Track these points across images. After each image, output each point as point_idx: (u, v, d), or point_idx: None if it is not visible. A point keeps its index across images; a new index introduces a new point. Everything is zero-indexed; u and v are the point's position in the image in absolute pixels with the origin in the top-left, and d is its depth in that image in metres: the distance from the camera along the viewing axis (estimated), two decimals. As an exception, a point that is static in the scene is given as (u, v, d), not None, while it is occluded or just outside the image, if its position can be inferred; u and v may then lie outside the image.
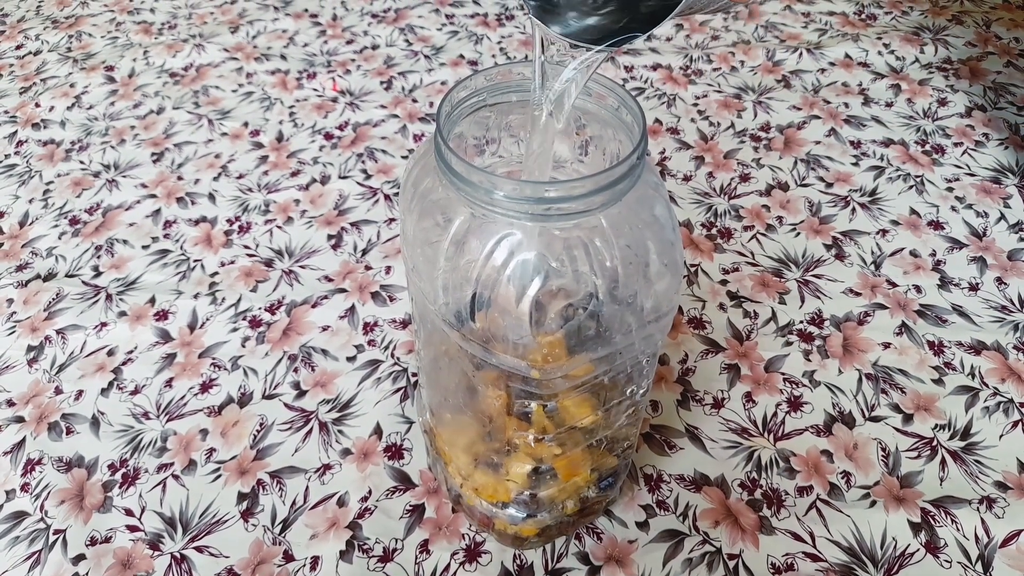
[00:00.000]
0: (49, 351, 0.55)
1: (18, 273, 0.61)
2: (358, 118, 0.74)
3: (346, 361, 0.54)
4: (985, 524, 0.44)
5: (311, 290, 0.59)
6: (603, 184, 0.27)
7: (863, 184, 0.66)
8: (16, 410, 0.52)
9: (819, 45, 0.81)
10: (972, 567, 0.43)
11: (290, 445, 0.49)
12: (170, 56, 0.83)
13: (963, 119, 0.72)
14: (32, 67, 0.83)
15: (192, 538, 0.45)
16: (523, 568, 0.43)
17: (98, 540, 0.45)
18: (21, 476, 0.48)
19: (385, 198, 0.66)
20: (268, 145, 0.72)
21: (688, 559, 0.43)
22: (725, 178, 0.67)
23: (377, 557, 0.44)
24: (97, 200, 0.67)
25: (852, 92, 0.75)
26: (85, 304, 0.58)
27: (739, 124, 0.72)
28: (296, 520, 0.45)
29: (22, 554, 0.45)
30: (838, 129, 0.71)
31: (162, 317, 0.57)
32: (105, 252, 0.62)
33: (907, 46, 0.80)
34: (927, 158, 0.68)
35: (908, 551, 0.43)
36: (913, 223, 0.62)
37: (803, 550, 0.43)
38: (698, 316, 0.56)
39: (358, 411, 0.51)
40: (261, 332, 0.56)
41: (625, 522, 0.45)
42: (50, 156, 0.72)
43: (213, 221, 0.65)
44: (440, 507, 0.46)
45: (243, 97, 0.78)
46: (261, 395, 0.52)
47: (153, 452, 0.49)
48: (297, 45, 0.85)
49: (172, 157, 0.71)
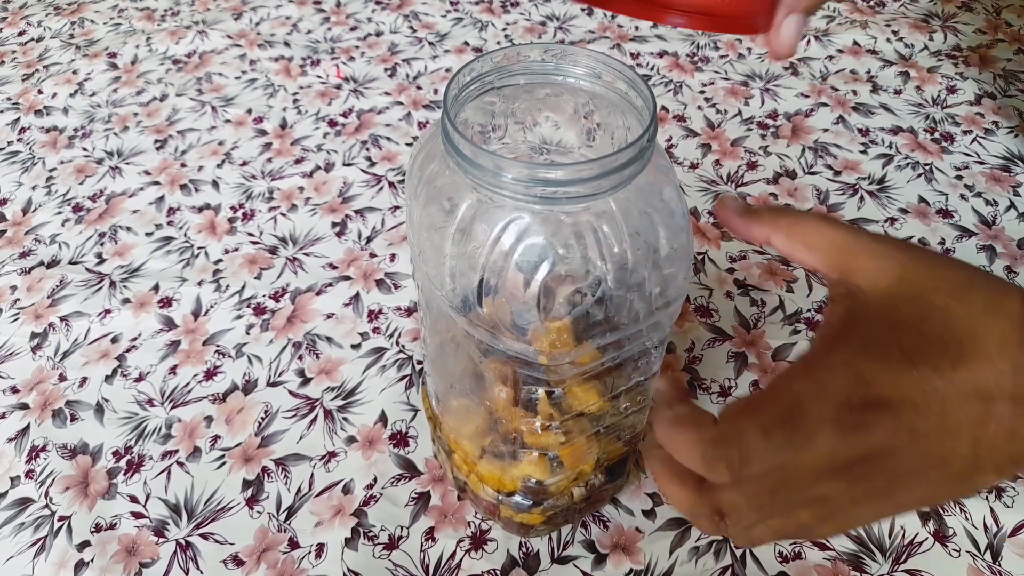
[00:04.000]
0: (53, 338, 0.55)
1: (22, 260, 0.61)
2: (362, 105, 0.74)
3: (351, 349, 0.53)
4: (994, 513, 0.44)
5: (315, 278, 0.58)
6: (612, 167, 0.27)
7: (871, 172, 0.65)
8: (20, 397, 0.52)
9: (827, 32, 0.80)
10: (981, 556, 0.42)
11: (295, 432, 0.49)
12: (173, 43, 0.83)
13: (972, 107, 0.71)
14: (35, 54, 0.83)
15: (197, 525, 0.45)
16: (529, 556, 0.43)
17: (103, 527, 0.45)
18: (26, 463, 0.48)
19: (389, 185, 0.65)
20: (272, 132, 0.71)
21: (695, 547, 0.43)
22: (732, 166, 0.66)
23: (382, 544, 0.44)
24: (100, 187, 0.67)
25: (860, 80, 0.75)
26: (89, 291, 0.58)
27: (746, 112, 0.72)
28: (301, 507, 0.45)
29: (27, 540, 0.45)
30: (846, 117, 0.70)
31: (166, 304, 0.57)
32: (109, 239, 0.62)
33: (916, 33, 0.80)
34: (936, 146, 0.67)
35: (916, 540, 0.43)
36: (922, 211, 0.62)
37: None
38: (705, 304, 0.55)
39: (363, 399, 0.51)
40: (265, 319, 0.55)
41: (632, 510, 0.45)
42: (53, 143, 0.72)
43: (217, 208, 0.64)
44: (445, 494, 0.45)
45: (247, 84, 0.77)
46: (266, 382, 0.52)
47: (158, 439, 0.49)
48: (301, 32, 0.84)
49: (175, 144, 0.71)
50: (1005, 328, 0.27)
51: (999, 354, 0.26)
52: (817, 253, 0.30)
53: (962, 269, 0.29)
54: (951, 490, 0.29)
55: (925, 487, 0.28)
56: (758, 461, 0.26)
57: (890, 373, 0.26)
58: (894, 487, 0.28)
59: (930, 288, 0.28)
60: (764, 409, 0.27)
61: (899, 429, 0.26)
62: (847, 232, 0.30)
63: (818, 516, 0.29)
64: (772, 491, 0.27)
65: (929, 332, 0.27)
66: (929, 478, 0.28)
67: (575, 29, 0.83)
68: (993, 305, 0.27)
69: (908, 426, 0.26)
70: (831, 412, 0.26)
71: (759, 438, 0.26)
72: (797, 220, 0.30)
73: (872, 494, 0.28)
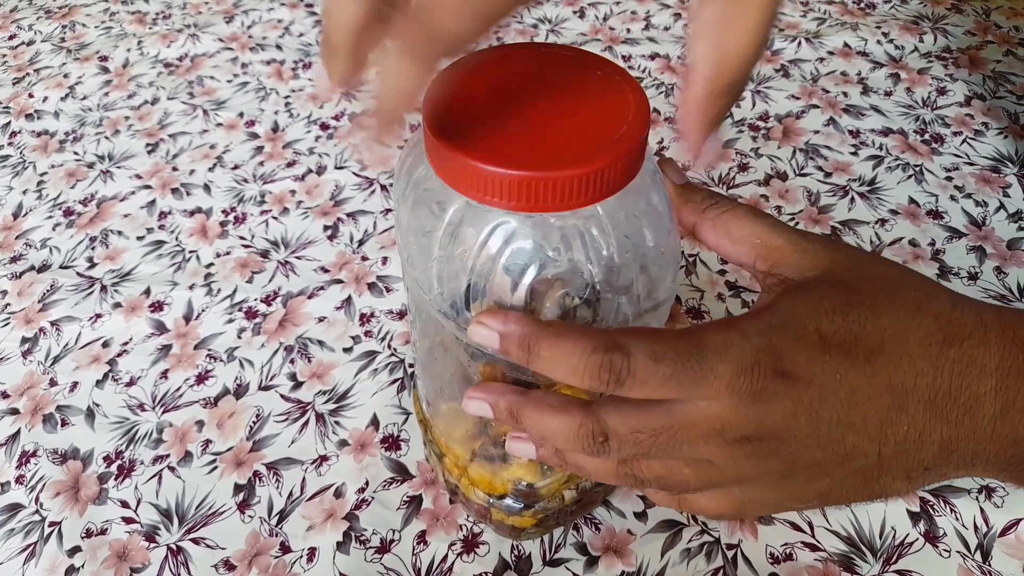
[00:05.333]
0: (43, 343, 0.55)
1: (12, 264, 0.61)
2: (354, 108, 0.74)
3: (343, 352, 0.53)
4: (984, 513, 0.44)
5: (307, 281, 0.58)
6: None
7: (862, 173, 0.65)
8: (10, 402, 0.52)
9: (818, 34, 0.81)
10: (971, 556, 0.42)
11: (287, 436, 0.49)
12: (164, 46, 0.82)
13: (962, 108, 0.71)
14: (25, 57, 0.83)
15: (188, 530, 0.45)
16: (521, 559, 0.43)
17: (94, 532, 0.45)
18: (16, 468, 0.48)
19: (381, 188, 0.65)
20: (264, 135, 0.71)
21: (687, 549, 0.43)
22: (723, 168, 0.66)
23: (374, 548, 0.44)
24: (91, 191, 0.67)
25: (851, 81, 0.75)
26: (80, 295, 0.58)
27: (737, 113, 0.72)
28: (293, 511, 0.45)
29: (17, 546, 0.44)
30: (837, 118, 0.71)
31: (157, 308, 0.57)
32: (99, 243, 0.62)
33: (906, 35, 0.80)
34: (926, 147, 0.68)
35: (907, 540, 0.43)
36: (912, 212, 0.62)
37: (802, 540, 0.43)
38: (696, 306, 0.56)
39: (355, 402, 0.50)
40: (257, 323, 0.55)
41: (623, 512, 0.45)
42: (44, 147, 0.72)
43: (208, 212, 0.64)
44: (437, 498, 0.45)
45: (238, 87, 0.77)
46: (257, 386, 0.52)
47: (149, 444, 0.49)
48: (292, 35, 0.84)
49: (167, 148, 0.71)
50: (930, 327, 0.26)
51: (920, 354, 0.26)
52: (742, 247, 0.29)
53: (892, 267, 0.28)
54: (856, 490, 0.28)
55: (826, 482, 0.27)
56: (640, 382, 0.25)
57: (803, 352, 0.25)
58: (790, 475, 0.27)
59: (859, 279, 0.27)
60: (664, 339, 0.26)
61: (798, 411, 0.25)
62: (775, 227, 0.29)
63: (700, 478, 0.27)
64: (654, 431, 0.26)
65: (851, 321, 0.26)
66: (830, 473, 0.27)
67: (567, 32, 0.83)
68: (920, 304, 0.27)
69: (808, 409, 0.25)
70: (729, 371, 0.25)
71: (647, 358, 0.25)
72: (724, 211, 0.30)
73: (765, 477, 0.27)
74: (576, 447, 0.28)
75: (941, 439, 0.26)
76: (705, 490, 0.29)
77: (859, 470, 0.27)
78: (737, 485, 0.28)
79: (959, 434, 0.26)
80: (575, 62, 0.26)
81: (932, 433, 0.26)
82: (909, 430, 0.26)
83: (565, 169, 0.25)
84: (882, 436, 0.26)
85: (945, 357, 0.26)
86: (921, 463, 0.27)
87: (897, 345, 0.26)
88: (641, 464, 0.28)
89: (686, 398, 0.25)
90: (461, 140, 0.26)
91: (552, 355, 0.26)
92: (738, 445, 0.26)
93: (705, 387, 0.25)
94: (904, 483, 0.27)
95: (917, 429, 0.26)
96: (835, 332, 0.26)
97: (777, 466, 0.26)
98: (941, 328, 0.26)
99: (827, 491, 0.28)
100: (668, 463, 0.28)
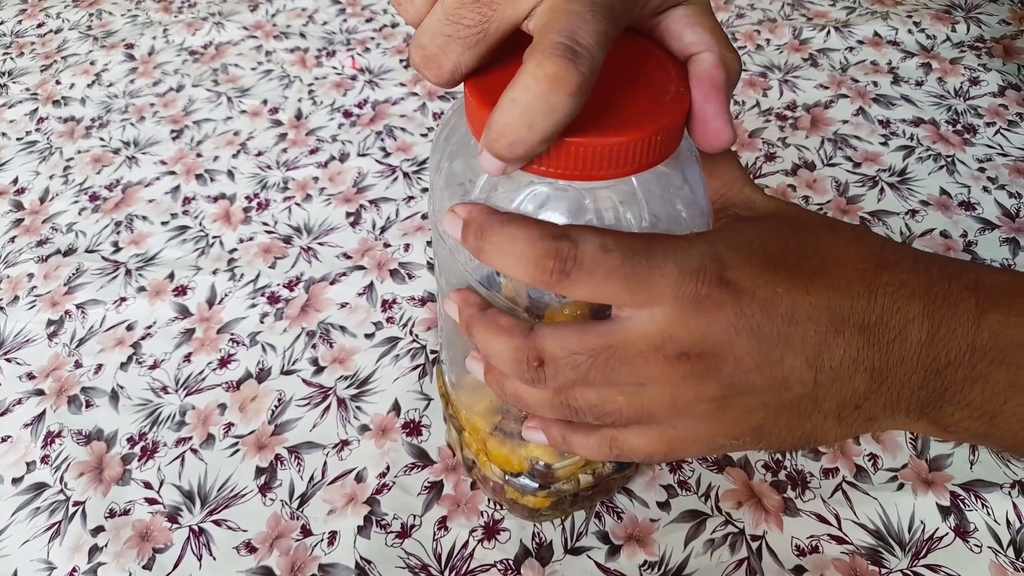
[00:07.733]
0: (69, 325, 0.55)
1: (39, 248, 0.61)
2: (377, 96, 0.74)
3: (364, 338, 0.53)
4: (1017, 509, 0.43)
5: (329, 267, 0.58)
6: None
7: (892, 164, 0.64)
8: (36, 383, 0.52)
9: (847, 23, 0.79)
10: (1004, 552, 0.41)
11: (308, 421, 0.49)
12: (189, 34, 0.83)
13: (996, 98, 0.70)
14: (53, 45, 0.83)
15: (210, 512, 0.45)
16: (542, 546, 0.43)
17: (117, 512, 0.45)
18: (41, 448, 0.48)
19: (404, 176, 0.65)
20: (287, 123, 0.71)
21: (710, 539, 0.42)
22: (750, 157, 0.65)
23: (395, 533, 0.43)
24: (117, 177, 0.67)
25: (881, 71, 0.74)
26: (105, 279, 0.58)
27: (764, 103, 0.71)
28: (314, 495, 0.45)
29: (42, 525, 0.45)
30: (867, 108, 0.69)
31: (181, 293, 0.57)
32: (125, 228, 0.62)
33: (938, 24, 0.78)
34: (958, 138, 0.66)
35: (937, 535, 0.42)
36: (944, 203, 0.61)
37: (828, 532, 0.42)
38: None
39: (376, 388, 0.50)
40: (280, 308, 0.55)
41: (646, 502, 0.44)
42: (70, 133, 0.72)
43: (232, 198, 0.64)
44: (458, 484, 0.45)
45: (262, 75, 0.77)
46: (279, 371, 0.52)
47: (172, 426, 0.49)
48: (316, 23, 0.84)
49: (191, 134, 0.71)
50: (866, 254, 0.27)
51: (856, 277, 0.27)
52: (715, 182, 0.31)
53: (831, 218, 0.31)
54: (789, 427, 0.28)
55: (761, 413, 0.27)
56: (587, 273, 0.25)
57: (748, 265, 0.26)
58: (725, 405, 0.27)
59: (804, 219, 0.29)
60: (614, 234, 0.26)
61: (740, 324, 0.25)
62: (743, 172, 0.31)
63: (633, 406, 0.27)
64: (592, 351, 0.26)
65: (795, 245, 0.27)
66: (766, 402, 0.27)
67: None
68: (857, 236, 0.28)
69: (750, 323, 0.25)
70: (676, 270, 0.25)
71: (596, 247, 0.25)
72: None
73: (700, 405, 0.27)
74: (513, 371, 0.28)
75: (872, 366, 0.26)
76: (638, 425, 0.29)
77: (794, 401, 0.27)
78: (670, 418, 0.28)
79: (888, 362, 0.26)
80: (620, 36, 0.26)
81: (864, 359, 0.26)
82: (844, 355, 0.26)
83: (602, 136, 0.25)
84: (819, 361, 0.26)
85: (878, 280, 0.27)
86: (853, 398, 0.27)
87: (837, 267, 0.27)
88: (575, 392, 0.28)
89: (629, 300, 0.25)
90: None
91: (500, 240, 0.26)
92: (676, 362, 0.26)
93: (651, 286, 0.25)
94: (835, 423, 0.28)
95: (851, 355, 0.26)
96: (779, 250, 0.27)
97: (713, 390, 0.26)
98: (875, 255, 0.27)
99: (761, 425, 0.28)
100: (602, 391, 0.28)
